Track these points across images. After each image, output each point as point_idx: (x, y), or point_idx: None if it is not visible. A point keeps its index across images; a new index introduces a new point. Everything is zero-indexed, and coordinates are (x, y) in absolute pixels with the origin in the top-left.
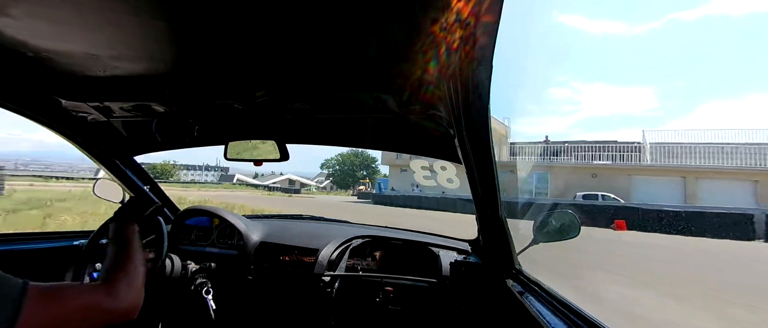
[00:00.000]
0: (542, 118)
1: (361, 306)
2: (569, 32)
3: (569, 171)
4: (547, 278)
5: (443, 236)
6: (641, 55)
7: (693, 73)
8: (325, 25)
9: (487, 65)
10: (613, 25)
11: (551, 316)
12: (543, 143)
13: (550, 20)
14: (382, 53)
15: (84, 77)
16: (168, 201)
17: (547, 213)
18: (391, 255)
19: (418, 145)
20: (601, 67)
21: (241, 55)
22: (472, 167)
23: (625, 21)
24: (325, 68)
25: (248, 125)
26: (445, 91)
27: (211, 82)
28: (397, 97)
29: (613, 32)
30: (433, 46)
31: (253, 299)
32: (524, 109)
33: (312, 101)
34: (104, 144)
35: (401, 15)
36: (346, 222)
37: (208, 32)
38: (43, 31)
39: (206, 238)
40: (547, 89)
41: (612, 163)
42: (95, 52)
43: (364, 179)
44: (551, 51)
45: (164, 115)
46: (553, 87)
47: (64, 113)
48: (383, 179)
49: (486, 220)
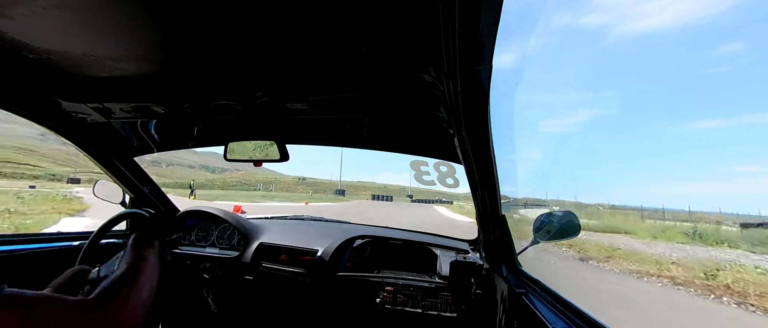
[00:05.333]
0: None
1: (361, 306)
2: (569, 33)
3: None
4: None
5: (443, 236)
6: (643, 54)
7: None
8: (324, 26)
9: (487, 65)
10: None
11: (552, 315)
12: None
13: (550, 20)
14: (382, 53)
15: (84, 78)
16: (168, 202)
17: (547, 213)
18: (391, 255)
19: (418, 146)
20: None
21: (240, 56)
22: (472, 167)
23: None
24: (325, 68)
25: (248, 126)
26: (445, 91)
27: (210, 83)
28: (397, 97)
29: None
30: (433, 46)
31: (253, 299)
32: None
33: (312, 102)
34: (104, 145)
35: (401, 15)
36: (346, 223)
37: (207, 33)
38: (43, 32)
39: (206, 239)
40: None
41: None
42: (95, 53)
43: None
44: (551, 51)
45: (164, 116)
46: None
47: (64, 114)
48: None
49: (486, 219)
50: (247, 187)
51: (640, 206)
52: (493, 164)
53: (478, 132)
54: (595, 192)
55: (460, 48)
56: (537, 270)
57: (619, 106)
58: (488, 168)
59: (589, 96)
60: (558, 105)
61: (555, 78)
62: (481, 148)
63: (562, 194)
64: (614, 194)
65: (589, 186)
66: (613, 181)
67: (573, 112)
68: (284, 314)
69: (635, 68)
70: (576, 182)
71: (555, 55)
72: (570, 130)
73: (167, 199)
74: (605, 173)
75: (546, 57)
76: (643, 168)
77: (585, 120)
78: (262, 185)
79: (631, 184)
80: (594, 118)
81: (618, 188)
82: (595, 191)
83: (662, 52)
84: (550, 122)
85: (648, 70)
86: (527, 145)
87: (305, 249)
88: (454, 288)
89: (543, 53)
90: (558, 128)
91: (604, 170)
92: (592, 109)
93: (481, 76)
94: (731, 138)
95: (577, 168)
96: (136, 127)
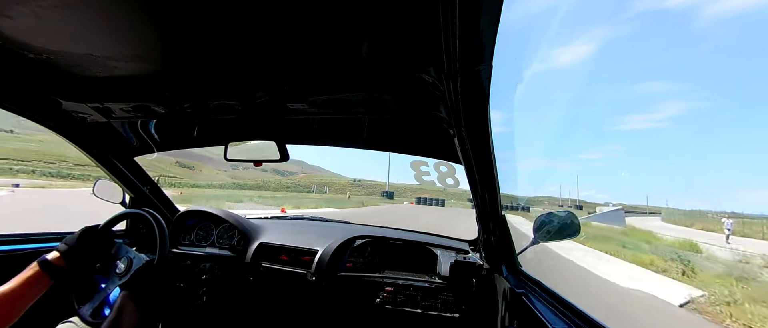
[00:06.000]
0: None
1: (361, 307)
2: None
3: None
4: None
5: (443, 236)
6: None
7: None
8: (324, 25)
9: (487, 65)
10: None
11: (552, 316)
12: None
13: (551, 19)
14: (382, 53)
15: (84, 78)
16: (167, 201)
17: (547, 213)
18: (392, 255)
19: (418, 146)
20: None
21: (240, 56)
22: (473, 167)
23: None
24: (325, 68)
25: (248, 126)
26: (445, 91)
27: (210, 82)
28: (397, 97)
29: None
30: (433, 46)
31: (253, 299)
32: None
33: (312, 102)
34: (104, 145)
35: (401, 14)
36: (346, 223)
37: (207, 33)
38: (43, 32)
39: (206, 239)
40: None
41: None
42: (95, 53)
43: None
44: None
45: (164, 116)
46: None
47: (64, 114)
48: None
49: (486, 219)
50: (302, 189)
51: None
52: (493, 163)
53: (478, 132)
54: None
55: (461, 48)
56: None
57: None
58: (488, 168)
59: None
60: (558, 104)
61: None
62: (481, 148)
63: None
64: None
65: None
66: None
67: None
68: (284, 314)
69: (634, 68)
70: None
71: (555, 53)
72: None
73: (167, 199)
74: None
75: (546, 56)
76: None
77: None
78: (316, 186)
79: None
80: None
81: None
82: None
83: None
84: (551, 121)
85: (652, 68)
86: (527, 145)
87: (305, 249)
88: (455, 288)
89: (543, 53)
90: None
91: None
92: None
93: (482, 76)
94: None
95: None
96: (137, 127)
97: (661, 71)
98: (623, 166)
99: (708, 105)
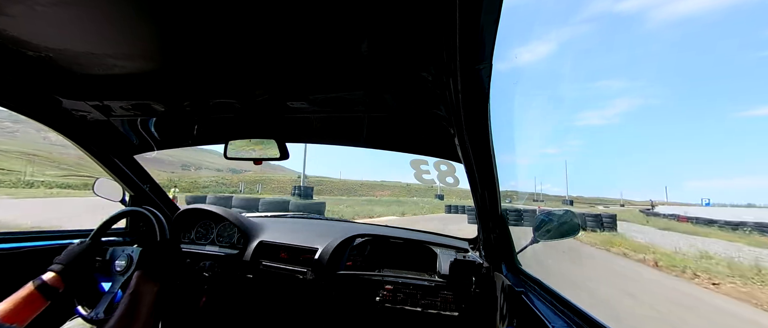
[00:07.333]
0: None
1: (360, 305)
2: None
3: None
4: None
5: (443, 235)
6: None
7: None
8: (324, 24)
9: (487, 63)
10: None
11: (551, 314)
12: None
13: (551, 17)
14: (382, 51)
15: (84, 76)
16: (167, 200)
17: (547, 212)
18: (391, 254)
19: (418, 144)
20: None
21: (240, 54)
22: (472, 166)
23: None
24: (325, 67)
25: (248, 124)
26: (445, 90)
27: (210, 81)
28: (397, 95)
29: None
30: (433, 44)
31: (252, 298)
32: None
33: (312, 100)
34: (104, 143)
35: (401, 13)
36: (346, 221)
37: (207, 31)
38: (43, 30)
39: (206, 237)
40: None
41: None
42: (95, 51)
43: None
44: (551, 49)
45: (164, 114)
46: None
47: (64, 112)
48: None
49: (486, 218)
50: (349, 193)
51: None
52: (493, 162)
53: (478, 131)
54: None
55: (461, 46)
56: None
57: None
58: (488, 167)
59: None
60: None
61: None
62: (481, 147)
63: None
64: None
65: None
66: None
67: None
68: (284, 313)
69: (634, 67)
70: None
71: (555, 52)
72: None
73: (167, 197)
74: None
75: (546, 55)
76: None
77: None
78: (244, 185)
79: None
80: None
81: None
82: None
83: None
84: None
85: (656, 66)
86: (527, 144)
87: (305, 247)
88: (454, 287)
89: (543, 52)
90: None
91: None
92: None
93: (482, 74)
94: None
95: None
96: (136, 125)
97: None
98: (582, 160)
99: (657, 102)
